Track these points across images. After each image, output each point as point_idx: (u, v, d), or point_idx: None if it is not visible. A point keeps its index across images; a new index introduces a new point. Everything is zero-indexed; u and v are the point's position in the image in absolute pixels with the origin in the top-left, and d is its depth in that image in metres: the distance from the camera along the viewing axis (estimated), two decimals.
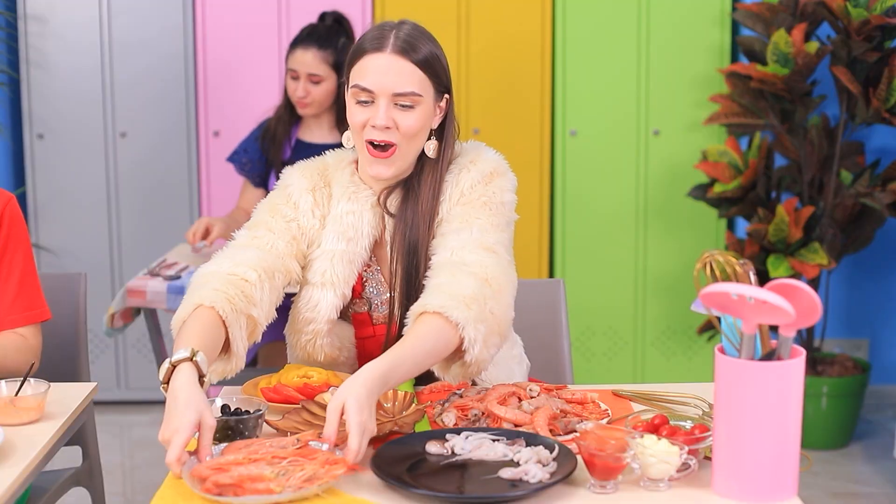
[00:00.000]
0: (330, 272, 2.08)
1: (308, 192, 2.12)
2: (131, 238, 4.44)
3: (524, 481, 1.66)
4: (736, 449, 1.62)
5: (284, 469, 1.65)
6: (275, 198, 2.15)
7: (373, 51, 2.01)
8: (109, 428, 4.29)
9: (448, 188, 2.09)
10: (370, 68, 2.01)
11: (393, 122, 2.01)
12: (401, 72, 2.00)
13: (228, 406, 1.89)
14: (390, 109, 2.01)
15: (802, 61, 3.85)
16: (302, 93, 3.51)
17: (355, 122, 2.03)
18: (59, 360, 2.54)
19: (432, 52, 2.04)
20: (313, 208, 2.12)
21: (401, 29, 2.04)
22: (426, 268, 2.04)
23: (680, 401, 2.02)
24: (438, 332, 1.90)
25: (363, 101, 2.02)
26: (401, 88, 2.00)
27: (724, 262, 1.66)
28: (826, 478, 3.84)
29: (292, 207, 2.12)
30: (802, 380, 1.62)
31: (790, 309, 1.55)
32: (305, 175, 2.14)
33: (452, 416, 1.92)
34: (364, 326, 2.16)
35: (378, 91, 2.00)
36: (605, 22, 4.31)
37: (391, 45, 2.01)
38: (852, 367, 4.11)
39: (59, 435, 1.96)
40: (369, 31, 2.07)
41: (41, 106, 4.37)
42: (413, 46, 2.01)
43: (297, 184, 2.14)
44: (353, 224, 2.09)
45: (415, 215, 2.08)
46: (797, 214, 3.93)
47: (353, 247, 2.09)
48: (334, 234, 2.10)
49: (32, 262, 2.30)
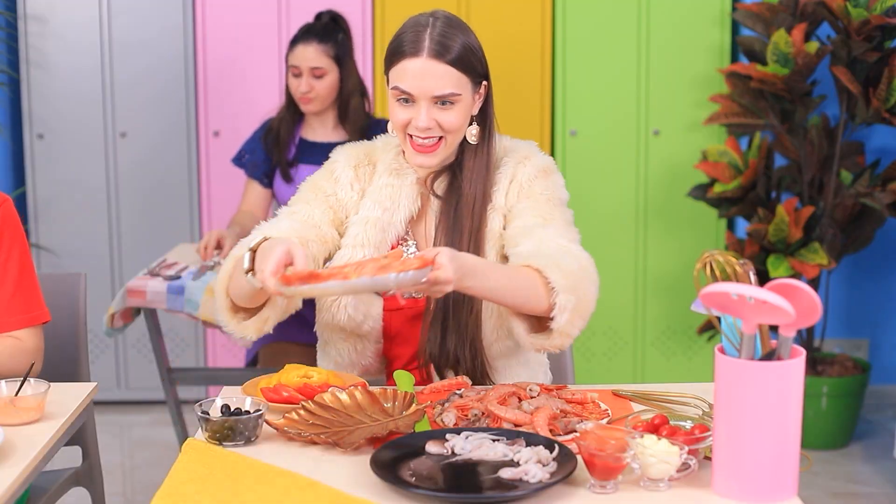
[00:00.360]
0: (362, 235, 2.14)
1: (350, 167, 2.20)
2: (131, 238, 4.44)
3: (524, 481, 1.66)
4: (736, 449, 1.62)
5: (364, 267, 1.75)
6: (318, 175, 2.23)
7: (410, 55, 2.06)
8: (109, 428, 4.29)
9: (503, 178, 2.15)
10: (408, 72, 2.06)
11: (434, 121, 2.07)
12: (438, 75, 2.05)
13: (228, 406, 1.89)
14: (431, 110, 2.07)
15: (802, 61, 3.85)
16: (305, 87, 3.50)
17: (398, 121, 2.09)
18: (59, 360, 2.54)
19: (466, 45, 2.08)
20: (353, 182, 2.19)
21: (434, 28, 2.07)
22: (470, 250, 2.10)
23: (680, 401, 2.02)
24: (533, 283, 1.95)
25: (404, 101, 2.08)
26: (439, 91, 2.06)
27: (724, 262, 1.66)
28: (826, 478, 3.84)
29: (332, 182, 2.19)
30: (802, 380, 1.62)
31: (790, 309, 1.55)
32: (351, 153, 2.22)
33: (452, 416, 1.92)
34: (393, 299, 2.18)
35: (418, 94, 2.06)
36: (604, 22, 4.31)
37: (427, 48, 2.05)
38: (852, 367, 4.11)
39: (59, 435, 1.96)
40: (406, 28, 2.10)
41: (41, 106, 4.37)
42: (447, 47, 2.06)
43: (342, 160, 2.21)
44: (390, 196, 2.16)
45: (460, 198, 2.14)
46: (797, 214, 3.93)
47: (387, 216, 2.15)
48: (371, 202, 2.16)
49: (30, 265, 2.29)
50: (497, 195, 2.15)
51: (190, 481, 1.71)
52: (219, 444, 1.85)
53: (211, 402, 1.92)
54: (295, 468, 1.75)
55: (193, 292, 3.17)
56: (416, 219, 2.19)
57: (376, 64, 4.35)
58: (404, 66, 2.06)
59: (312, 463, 1.78)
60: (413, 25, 2.09)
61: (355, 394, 1.96)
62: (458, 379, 2.12)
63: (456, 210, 2.14)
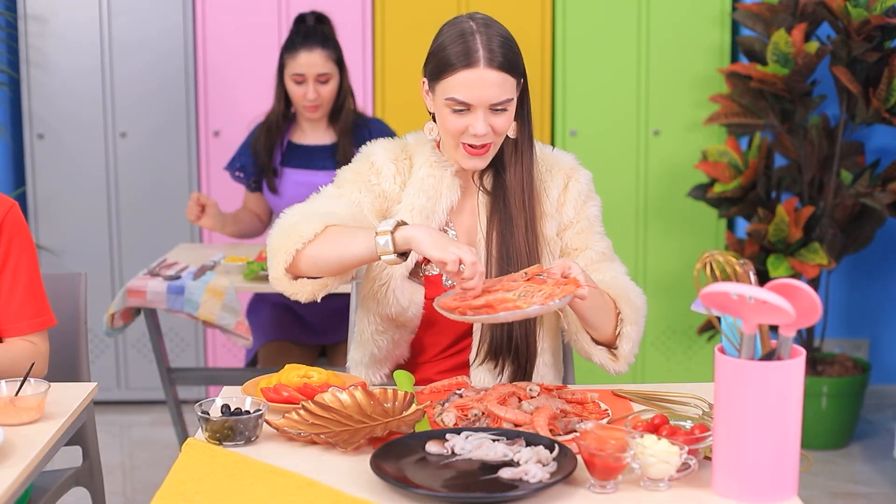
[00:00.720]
0: (410, 221, 2.15)
1: (391, 161, 2.23)
2: (131, 238, 4.44)
3: (524, 481, 1.66)
4: (736, 449, 1.62)
5: (523, 291, 1.93)
6: (357, 165, 2.25)
7: (464, 67, 2.09)
8: (109, 428, 4.29)
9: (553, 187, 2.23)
10: (463, 83, 2.09)
11: (490, 127, 2.12)
12: (495, 83, 2.09)
13: (228, 406, 1.89)
14: (487, 117, 2.11)
15: (802, 61, 3.85)
16: (313, 95, 3.47)
17: (453, 129, 2.13)
18: (59, 360, 2.54)
19: (510, 46, 2.12)
20: (395, 175, 2.23)
21: (482, 35, 2.09)
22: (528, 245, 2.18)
23: (680, 401, 2.02)
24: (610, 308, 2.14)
25: (459, 111, 2.12)
26: (497, 99, 2.10)
27: (724, 262, 1.66)
28: (826, 478, 3.84)
29: (375, 174, 2.23)
30: (802, 380, 1.62)
31: (790, 309, 1.55)
32: (388, 148, 2.26)
33: (452, 416, 1.92)
34: (435, 288, 2.22)
35: (476, 104, 2.10)
36: (605, 22, 4.31)
37: (482, 59, 2.08)
38: (852, 367, 4.11)
39: (59, 435, 1.96)
40: (450, 38, 2.11)
41: (41, 106, 4.37)
42: (498, 53, 2.09)
43: (380, 154, 2.24)
44: (432, 185, 2.20)
45: (506, 192, 2.20)
46: (797, 214, 3.93)
47: (431, 203, 2.19)
48: (415, 191, 2.20)
49: (38, 269, 2.31)
50: (548, 202, 2.23)
51: (190, 481, 1.71)
52: (219, 443, 1.85)
53: (211, 402, 1.92)
54: (295, 468, 1.75)
55: (193, 292, 3.17)
56: (455, 209, 2.23)
57: (375, 64, 4.35)
58: (459, 77, 2.09)
59: (312, 463, 1.78)
60: (458, 35, 2.11)
61: (355, 394, 1.96)
62: (458, 379, 2.12)
63: (505, 204, 2.20)
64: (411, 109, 4.18)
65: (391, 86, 4.33)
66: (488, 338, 2.19)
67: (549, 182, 2.24)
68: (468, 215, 2.25)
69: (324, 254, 2.08)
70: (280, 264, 2.11)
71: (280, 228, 2.14)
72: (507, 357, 2.19)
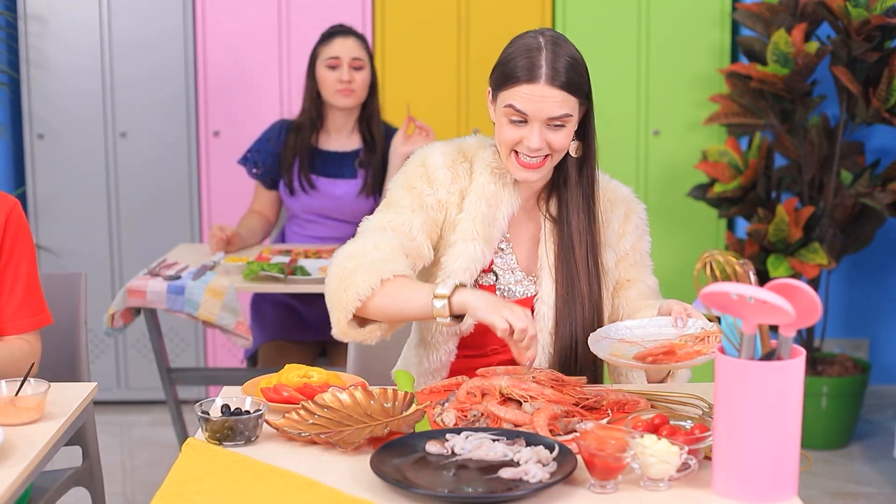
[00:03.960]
0: (472, 230, 2.18)
1: (447, 168, 2.22)
2: (131, 238, 4.44)
3: (524, 481, 1.66)
4: (736, 449, 1.62)
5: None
6: (411, 174, 2.23)
7: (526, 81, 2.10)
8: (109, 428, 4.29)
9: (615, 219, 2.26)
10: (524, 95, 2.10)
11: (544, 141, 2.12)
12: (554, 99, 2.10)
13: (228, 406, 1.89)
14: (542, 132, 2.11)
15: (802, 61, 3.85)
16: (347, 76, 3.49)
17: (508, 139, 2.14)
18: (59, 360, 2.54)
19: (575, 67, 2.12)
20: (451, 183, 2.21)
21: (548, 52, 2.11)
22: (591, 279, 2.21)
23: (680, 401, 2.02)
24: None
25: (516, 121, 2.12)
26: (554, 114, 2.10)
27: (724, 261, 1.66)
28: (826, 478, 3.84)
29: (428, 182, 2.21)
30: (802, 380, 1.62)
31: (790, 309, 1.55)
32: (445, 152, 2.24)
33: (452, 416, 1.92)
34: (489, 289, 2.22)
35: (533, 116, 2.11)
36: (604, 21, 4.31)
37: (544, 75, 2.09)
38: (852, 367, 4.11)
39: (59, 435, 1.96)
40: (517, 52, 2.13)
41: (41, 106, 4.37)
42: (562, 73, 2.10)
43: (436, 160, 2.23)
44: (494, 192, 2.20)
45: (568, 219, 2.21)
46: (797, 214, 3.93)
47: (492, 212, 2.20)
48: (476, 198, 2.20)
49: (36, 268, 2.32)
50: (610, 233, 2.25)
51: (190, 481, 1.71)
52: (219, 444, 1.84)
53: (211, 402, 1.92)
54: (295, 468, 1.75)
55: (193, 292, 3.17)
56: (514, 220, 2.24)
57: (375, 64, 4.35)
58: (520, 90, 2.10)
59: (312, 463, 1.78)
60: (525, 49, 2.12)
61: (355, 394, 1.96)
62: (459, 378, 2.12)
63: (568, 227, 2.20)
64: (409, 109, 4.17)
65: (391, 86, 4.32)
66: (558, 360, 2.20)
67: (611, 213, 2.26)
68: (526, 233, 2.25)
69: (384, 309, 2.09)
70: (342, 321, 2.11)
71: (335, 279, 2.12)
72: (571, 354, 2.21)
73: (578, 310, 2.19)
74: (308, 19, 4.32)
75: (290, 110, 4.32)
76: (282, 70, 4.35)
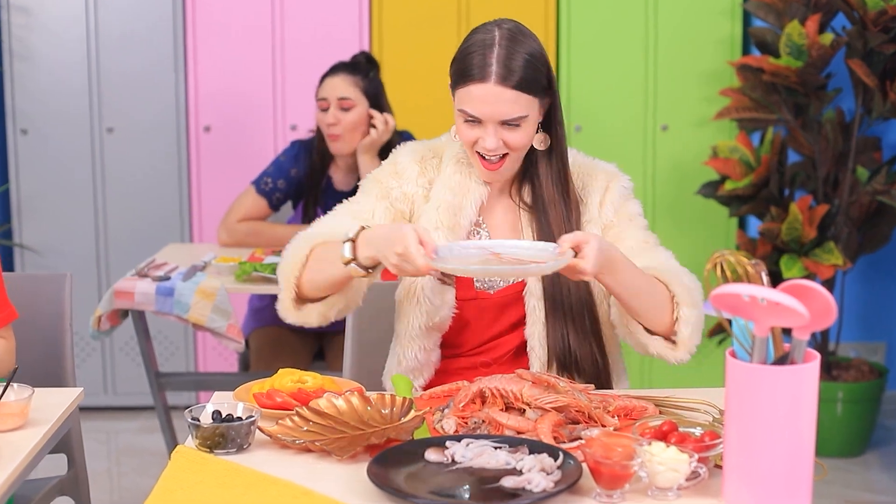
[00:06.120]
0: (436, 219, 2.21)
1: (415, 162, 2.27)
2: (119, 237, 4.44)
3: (527, 490, 1.66)
4: (747, 457, 1.61)
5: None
6: (380, 169, 2.30)
7: (478, 80, 2.11)
8: (96, 435, 4.29)
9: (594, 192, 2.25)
10: (476, 97, 2.12)
11: (501, 142, 2.14)
12: (505, 100, 2.11)
13: (220, 412, 1.89)
14: (498, 132, 2.13)
15: (817, 53, 3.85)
16: (332, 119, 3.49)
17: (466, 139, 2.18)
18: (44, 364, 2.54)
19: (531, 63, 2.12)
20: (419, 177, 2.26)
21: (501, 48, 2.11)
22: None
23: (689, 406, 2.02)
24: (661, 292, 2.11)
25: (470, 122, 2.15)
26: (506, 116, 2.12)
27: (735, 262, 1.66)
28: (841, 486, 3.84)
29: (396, 176, 2.27)
30: (817, 385, 1.62)
31: (804, 311, 1.55)
32: (415, 149, 2.30)
33: (452, 423, 1.91)
34: (466, 289, 2.24)
35: (485, 119, 2.12)
36: (611, 13, 4.31)
37: (493, 73, 2.10)
38: (868, 372, 4.11)
39: (43, 442, 1.96)
40: (472, 48, 2.14)
41: (25, 100, 4.37)
42: (513, 70, 2.10)
43: (405, 156, 2.29)
44: (459, 182, 2.24)
45: (545, 206, 2.22)
46: (811, 213, 3.93)
47: (458, 199, 2.23)
48: (441, 187, 2.24)
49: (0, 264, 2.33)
50: (590, 207, 2.25)
51: (179, 490, 1.71)
52: (209, 451, 1.84)
53: (201, 408, 1.92)
54: (289, 477, 1.75)
55: (183, 294, 3.17)
56: (486, 206, 2.26)
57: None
58: (471, 90, 2.12)
59: (307, 471, 1.78)
60: (479, 45, 2.13)
61: (351, 399, 1.96)
62: (459, 384, 2.12)
63: (546, 220, 2.21)
64: (408, 110, 4.18)
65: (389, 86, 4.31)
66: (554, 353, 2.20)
67: (590, 187, 2.26)
68: (503, 221, 2.27)
69: (314, 278, 2.14)
70: (286, 299, 2.17)
71: (281, 259, 2.19)
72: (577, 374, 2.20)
73: (566, 299, 2.20)
74: (302, 11, 4.33)
75: (282, 105, 4.32)
76: (275, 63, 4.35)
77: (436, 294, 2.21)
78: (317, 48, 4.31)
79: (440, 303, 2.21)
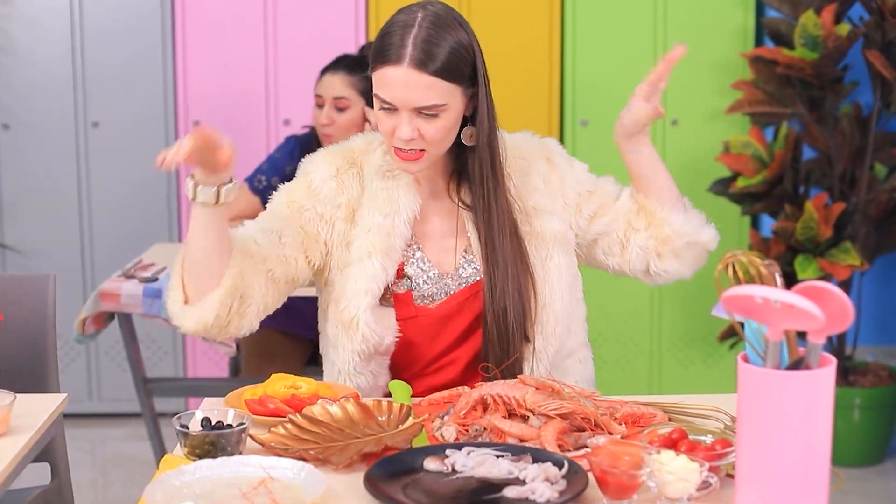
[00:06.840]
0: (368, 245, 2.16)
1: (331, 177, 2.20)
2: (104, 237, 4.44)
3: (531, 500, 1.66)
4: (760, 465, 1.61)
5: None
6: (293, 187, 2.22)
7: (393, 62, 2.05)
8: (80, 443, 4.29)
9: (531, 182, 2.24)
10: (390, 81, 2.06)
11: (417, 132, 2.08)
12: (421, 86, 2.05)
13: (209, 419, 1.89)
14: (413, 121, 2.07)
15: (833, 45, 3.85)
16: (325, 119, 3.51)
17: (384, 128, 2.11)
18: (27, 369, 2.54)
19: (453, 50, 2.07)
20: (337, 196, 2.19)
21: (421, 29, 2.06)
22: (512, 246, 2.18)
23: (700, 413, 2.02)
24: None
25: (387, 108, 2.09)
26: (422, 103, 2.06)
27: (747, 262, 1.66)
28: (859, 497, 3.84)
29: (310, 196, 2.19)
30: (833, 390, 1.62)
31: (819, 313, 1.55)
32: (328, 160, 2.22)
33: (453, 431, 1.91)
34: (406, 307, 2.20)
35: (399, 105, 2.07)
36: (617, 3, 4.31)
37: (409, 56, 2.04)
38: (887, 377, 4.11)
39: (25, 451, 1.96)
40: (393, 27, 2.08)
41: (7, 94, 4.37)
42: (431, 55, 2.05)
43: (320, 170, 2.21)
44: (387, 199, 2.17)
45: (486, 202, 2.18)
46: (827, 211, 3.93)
47: (389, 221, 2.16)
48: (369, 210, 2.18)
49: None
50: (542, 193, 2.24)
51: None
52: (199, 460, 1.84)
53: (190, 415, 1.92)
54: None
55: None
56: (419, 219, 2.20)
57: None
58: (385, 73, 2.06)
59: None
60: (399, 26, 2.08)
61: (347, 406, 1.96)
62: (459, 389, 2.12)
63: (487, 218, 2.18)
64: None
65: None
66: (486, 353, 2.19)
67: (531, 172, 2.25)
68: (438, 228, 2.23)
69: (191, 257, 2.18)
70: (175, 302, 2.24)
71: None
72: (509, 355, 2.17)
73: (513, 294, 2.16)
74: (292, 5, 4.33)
75: (275, 99, 4.32)
76: (267, 55, 4.35)
77: (377, 320, 2.16)
78: (310, 40, 4.31)
79: (382, 332, 2.16)
